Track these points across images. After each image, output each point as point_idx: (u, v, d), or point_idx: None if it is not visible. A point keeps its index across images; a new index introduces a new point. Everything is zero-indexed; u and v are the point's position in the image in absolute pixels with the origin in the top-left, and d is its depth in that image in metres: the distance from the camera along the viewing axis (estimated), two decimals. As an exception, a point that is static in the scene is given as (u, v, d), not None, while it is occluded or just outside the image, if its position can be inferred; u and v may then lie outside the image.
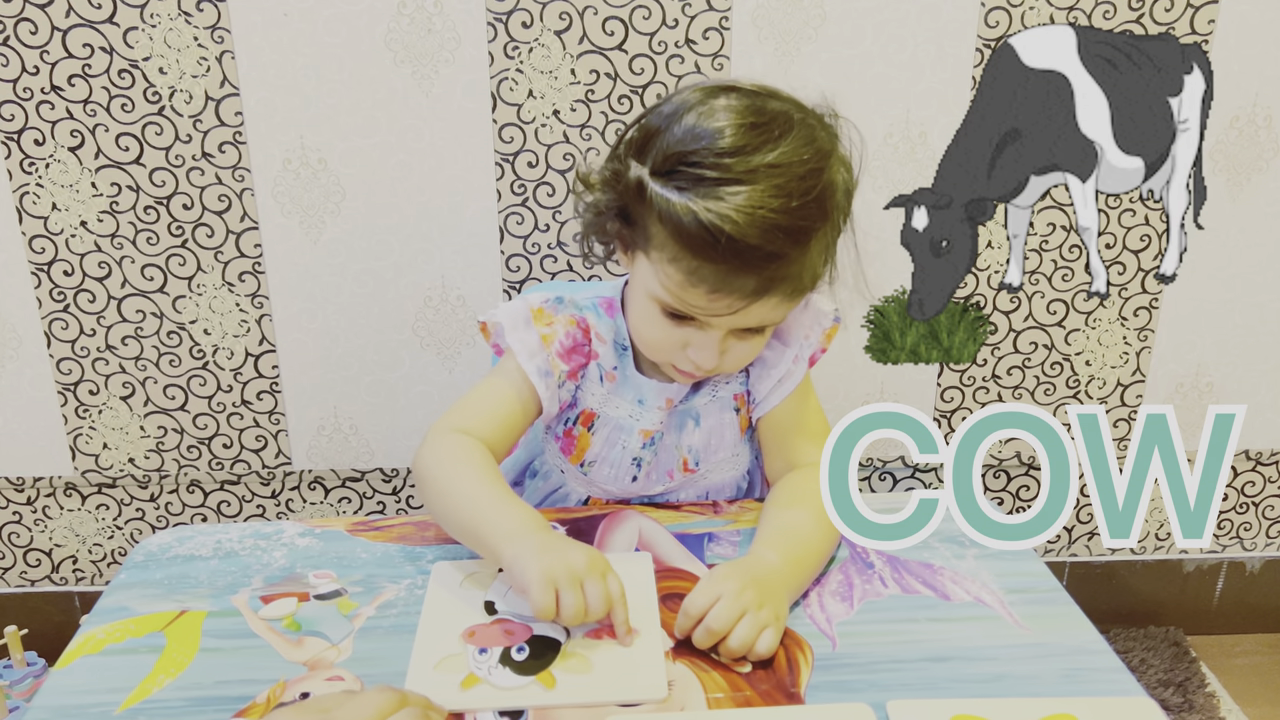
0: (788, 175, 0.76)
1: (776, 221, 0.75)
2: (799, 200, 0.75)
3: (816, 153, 0.78)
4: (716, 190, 0.75)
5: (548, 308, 0.90)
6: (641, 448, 0.90)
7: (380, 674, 0.67)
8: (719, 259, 0.75)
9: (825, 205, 0.78)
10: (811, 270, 0.79)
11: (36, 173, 1.26)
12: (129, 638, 0.71)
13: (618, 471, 0.91)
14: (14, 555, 1.47)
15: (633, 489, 0.92)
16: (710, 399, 0.91)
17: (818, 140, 0.79)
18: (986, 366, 1.40)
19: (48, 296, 1.31)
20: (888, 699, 0.64)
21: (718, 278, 0.76)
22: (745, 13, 1.22)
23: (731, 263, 0.75)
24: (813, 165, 0.77)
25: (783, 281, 0.77)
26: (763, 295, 0.77)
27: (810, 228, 0.77)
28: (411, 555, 0.81)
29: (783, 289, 0.78)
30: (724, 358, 0.82)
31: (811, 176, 0.77)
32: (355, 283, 1.32)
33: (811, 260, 0.78)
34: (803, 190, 0.76)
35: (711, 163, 0.76)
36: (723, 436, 0.92)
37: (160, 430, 1.39)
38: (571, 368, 0.89)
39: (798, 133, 0.77)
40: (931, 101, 1.27)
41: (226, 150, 1.26)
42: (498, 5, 1.21)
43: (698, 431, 0.91)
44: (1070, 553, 1.55)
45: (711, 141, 0.76)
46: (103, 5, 1.19)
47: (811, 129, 0.79)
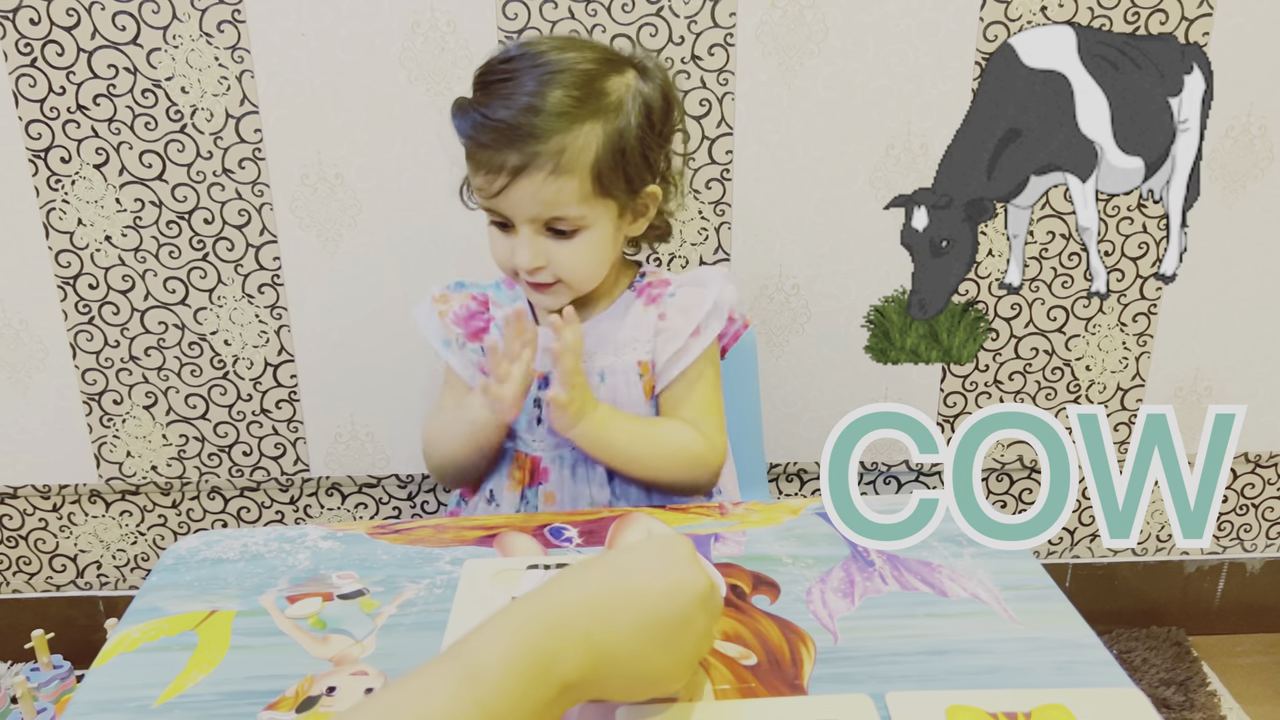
0: (550, 69, 0.89)
1: (530, 102, 0.87)
2: (557, 88, 0.88)
3: (593, 59, 0.91)
4: (487, 87, 0.91)
5: (448, 291, 1.06)
6: (538, 388, 1.00)
7: (403, 668, 0.70)
8: (483, 137, 0.89)
9: (594, 98, 0.89)
10: (572, 156, 0.88)
11: (63, 189, 1.29)
12: (163, 636, 0.74)
13: (525, 416, 1.01)
14: (40, 561, 1.51)
15: (540, 433, 1.01)
16: (614, 358, 1.01)
17: (599, 55, 0.92)
18: (988, 371, 1.43)
19: (73, 309, 1.35)
20: (887, 690, 0.66)
21: (485, 156, 0.90)
22: (749, 28, 1.25)
23: (492, 138, 0.88)
24: (581, 66, 0.90)
25: (541, 158, 0.87)
26: (525, 172, 0.88)
27: (568, 112, 0.88)
28: (429, 557, 0.84)
29: (544, 165, 0.88)
30: (550, 260, 0.93)
31: (575, 72, 0.89)
32: (371, 294, 1.35)
33: (574, 146, 0.88)
34: (564, 81, 0.88)
35: (489, 68, 0.92)
36: (629, 395, 1.01)
37: (182, 438, 1.42)
38: (469, 331, 1.03)
39: (573, 49, 0.91)
40: (932, 113, 1.29)
41: (246, 166, 1.29)
42: (508, 24, 1.24)
43: (602, 388, 1.01)
44: (1073, 554, 1.57)
45: (492, 59, 0.93)
46: (127, 27, 1.23)
47: (598, 51, 0.93)
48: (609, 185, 0.92)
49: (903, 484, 1.51)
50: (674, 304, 1.02)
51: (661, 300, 1.03)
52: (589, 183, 0.90)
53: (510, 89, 0.89)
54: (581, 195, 0.90)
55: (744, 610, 0.75)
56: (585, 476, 1.03)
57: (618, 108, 0.91)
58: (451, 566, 0.82)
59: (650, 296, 1.03)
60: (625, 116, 0.91)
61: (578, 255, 0.94)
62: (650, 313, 1.02)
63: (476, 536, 0.86)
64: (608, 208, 0.93)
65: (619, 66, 0.93)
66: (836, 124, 1.29)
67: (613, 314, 1.03)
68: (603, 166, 0.90)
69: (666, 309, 1.02)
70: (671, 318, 1.02)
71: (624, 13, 1.24)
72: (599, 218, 0.93)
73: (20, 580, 1.52)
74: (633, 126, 0.92)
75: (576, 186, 0.90)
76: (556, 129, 0.87)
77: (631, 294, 1.04)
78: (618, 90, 0.92)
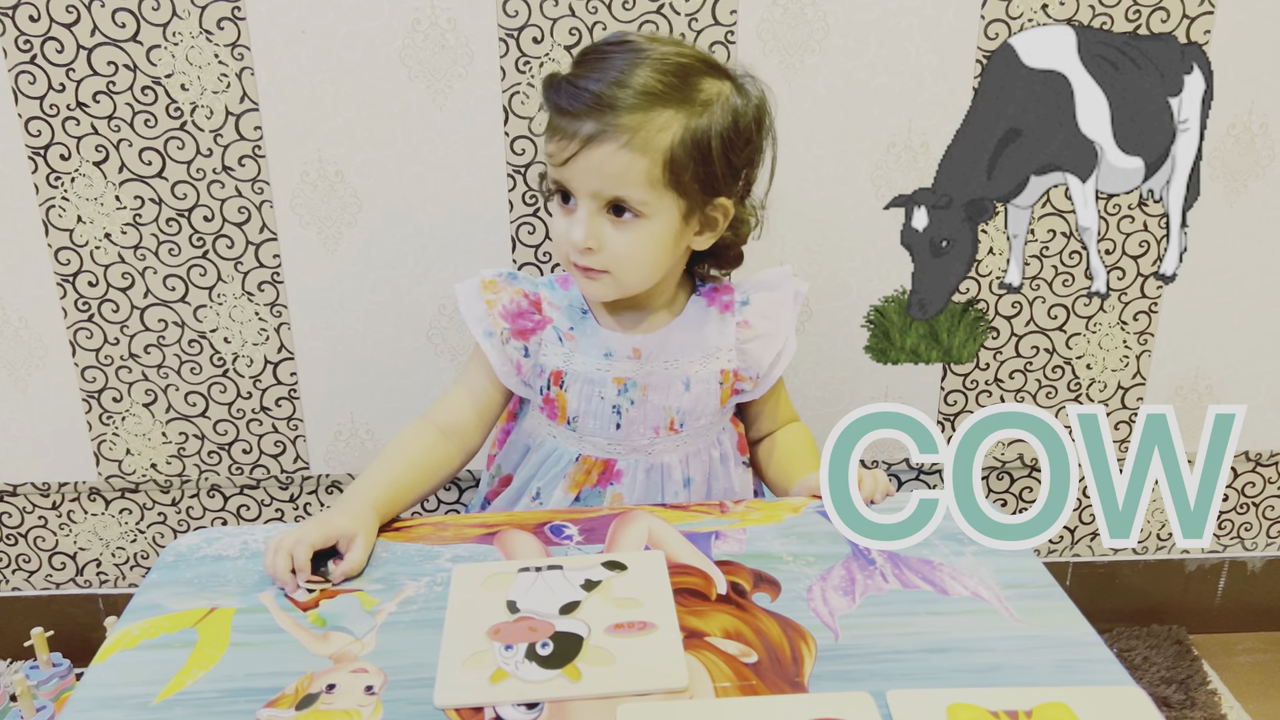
0: (648, 55, 0.89)
1: (618, 77, 0.88)
2: (649, 69, 0.88)
3: (691, 57, 0.91)
4: (582, 63, 0.92)
5: (500, 280, 1.03)
6: (618, 394, 0.99)
7: (402, 665, 0.70)
8: (565, 99, 0.89)
9: (683, 89, 0.89)
10: (648, 135, 0.88)
11: (62, 187, 1.29)
12: (163, 633, 0.75)
13: (601, 422, 1.01)
14: (40, 559, 1.51)
15: (618, 437, 1.01)
16: (700, 367, 1.01)
17: (703, 57, 0.93)
18: (988, 370, 1.43)
19: (73, 307, 1.35)
20: (888, 688, 0.66)
21: (563, 123, 0.89)
22: (750, 26, 1.25)
23: (572, 101, 0.89)
24: (679, 58, 0.90)
25: (616, 130, 0.87)
26: (597, 140, 0.87)
27: (652, 92, 0.88)
28: (429, 554, 0.84)
29: (617, 138, 0.87)
30: (604, 244, 0.92)
31: (670, 61, 0.90)
32: (371, 292, 1.35)
33: (652, 126, 0.88)
34: (657, 65, 0.89)
35: (588, 48, 0.93)
36: (707, 404, 1.02)
37: (181, 436, 1.42)
38: (516, 329, 1.01)
39: (678, 45, 0.92)
40: (934, 111, 1.29)
41: (246, 164, 1.29)
42: (509, 21, 1.24)
43: (686, 395, 1.01)
44: (1073, 553, 1.57)
45: (597, 42, 0.94)
46: (126, 24, 1.22)
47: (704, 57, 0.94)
48: (679, 178, 0.90)
49: (903, 483, 1.51)
50: (753, 311, 1.03)
51: (735, 308, 1.03)
52: (659, 168, 0.89)
53: (604, 66, 0.89)
54: (650, 179, 0.89)
55: (745, 608, 0.75)
56: (660, 477, 1.03)
57: (705, 105, 0.90)
58: (452, 564, 0.82)
59: (723, 304, 1.03)
60: (711, 116, 0.90)
61: (632, 244, 0.92)
62: (728, 321, 1.02)
63: (477, 534, 0.86)
64: (674, 202, 0.91)
65: (718, 73, 0.93)
66: (837, 122, 1.29)
67: (687, 322, 1.02)
68: (677, 157, 0.89)
69: (746, 316, 1.03)
70: (756, 324, 1.03)
71: (625, 10, 1.24)
72: (662, 210, 0.91)
73: (20, 578, 1.52)
74: (717, 129, 0.90)
75: (645, 168, 0.88)
76: (638, 106, 0.87)
77: (701, 301, 1.04)
78: (709, 90, 0.91)
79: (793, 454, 1.07)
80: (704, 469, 1.04)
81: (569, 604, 0.75)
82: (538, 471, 1.05)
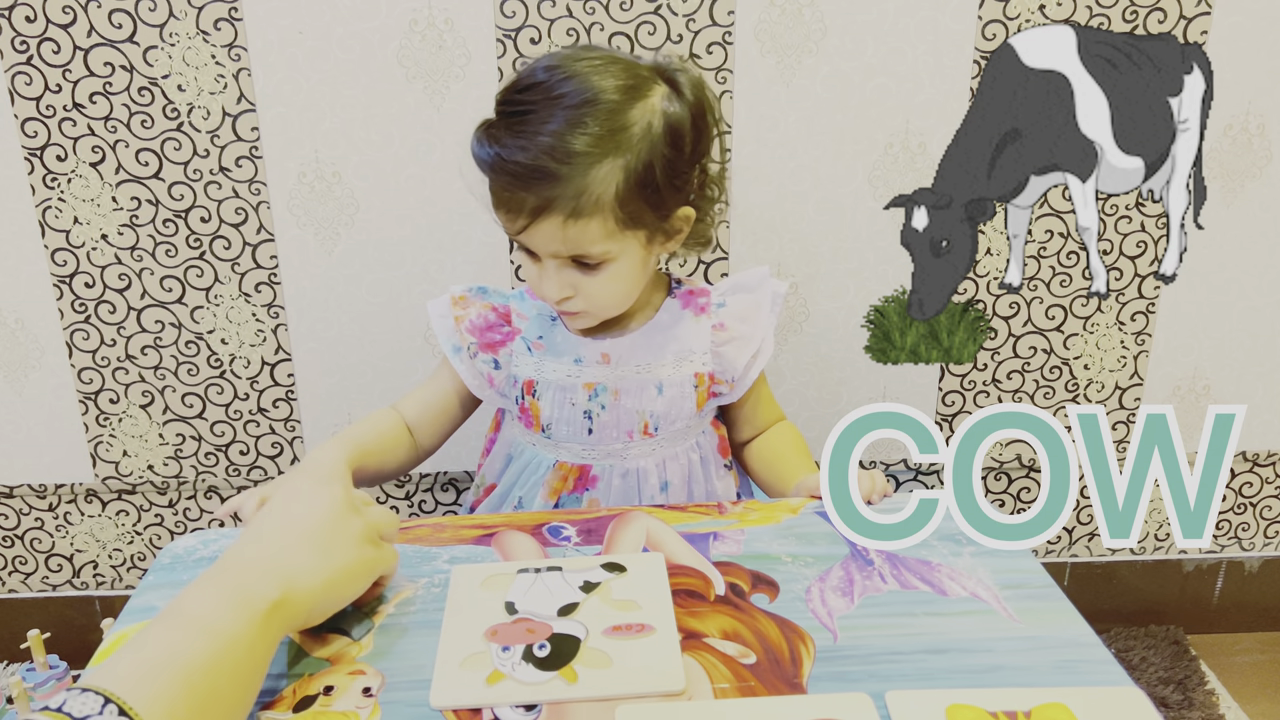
0: (568, 103, 0.85)
1: (547, 143, 0.84)
2: (575, 127, 0.84)
3: (615, 87, 0.87)
4: (506, 120, 0.87)
5: (470, 295, 1.04)
6: (589, 400, 1.00)
7: (401, 667, 0.70)
8: (500, 179, 0.87)
9: (614, 134, 0.85)
10: (591, 195, 0.85)
11: (59, 187, 1.29)
12: (159, 635, 0.74)
13: (573, 428, 1.01)
14: (36, 561, 1.51)
15: (591, 443, 1.01)
16: (673, 370, 1.01)
17: (623, 82, 0.87)
18: (987, 370, 1.43)
19: (69, 308, 1.35)
20: (886, 689, 0.66)
21: (505, 196, 0.88)
22: (748, 27, 1.25)
23: (509, 181, 0.86)
24: (603, 97, 0.86)
25: (559, 201, 0.85)
26: (543, 214, 0.86)
27: (586, 153, 0.84)
28: (427, 555, 0.84)
29: (561, 208, 0.85)
30: (578, 290, 0.92)
31: (594, 106, 0.85)
32: (369, 293, 1.35)
33: (593, 187, 0.85)
34: (582, 118, 0.85)
35: (508, 97, 0.89)
36: (682, 407, 1.02)
37: (179, 438, 1.42)
38: (484, 342, 1.02)
39: (596, 75, 0.87)
40: (931, 112, 1.29)
41: (243, 165, 1.29)
42: (506, 22, 1.24)
43: (660, 399, 1.01)
44: (1071, 553, 1.57)
45: (514, 82, 0.89)
46: (123, 25, 1.22)
47: (623, 74, 0.88)
48: (634, 217, 0.89)
49: (902, 483, 1.51)
50: (729, 314, 1.02)
51: (711, 311, 1.03)
52: (611, 220, 0.87)
53: (527, 126, 0.85)
54: (605, 233, 0.88)
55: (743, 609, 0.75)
56: (636, 481, 1.03)
57: (641, 139, 0.87)
58: (449, 565, 0.82)
59: (698, 307, 1.03)
60: (650, 147, 0.87)
61: (605, 286, 0.92)
62: (703, 324, 1.02)
63: (475, 535, 0.86)
64: (635, 237, 0.91)
65: (645, 88, 0.89)
66: (835, 123, 1.29)
67: (659, 326, 1.02)
68: (625, 201, 0.87)
69: (722, 319, 1.02)
70: (732, 326, 1.02)
71: (622, 11, 1.24)
72: (625, 249, 0.91)
73: (16, 580, 1.52)
74: (659, 156, 0.88)
75: (599, 225, 0.87)
76: (574, 172, 0.84)
77: (676, 303, 1.03)
78: (641, 120, 0.87)
79: (783, 454, 1.07)
80: (682, 473, 1.04)
81: (567, 606, 0.75)
82: (518, 480, 1.06)
